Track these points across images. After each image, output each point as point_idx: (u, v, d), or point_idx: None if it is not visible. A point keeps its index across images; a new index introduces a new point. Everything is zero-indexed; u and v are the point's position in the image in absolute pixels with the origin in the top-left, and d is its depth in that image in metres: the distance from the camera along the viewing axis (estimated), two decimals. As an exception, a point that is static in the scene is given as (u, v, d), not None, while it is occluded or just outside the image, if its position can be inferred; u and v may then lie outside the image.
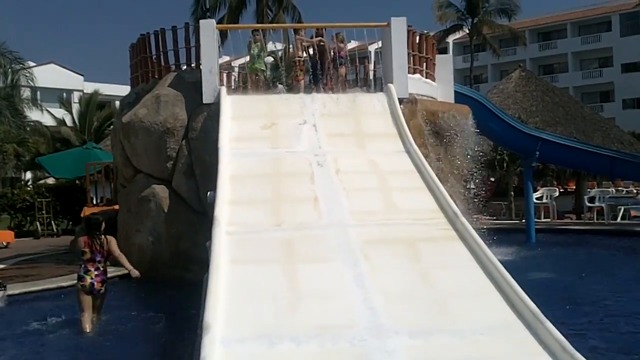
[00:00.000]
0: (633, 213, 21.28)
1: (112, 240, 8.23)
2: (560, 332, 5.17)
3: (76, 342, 7.70)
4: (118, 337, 7.87)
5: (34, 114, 30.80)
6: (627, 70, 57.08)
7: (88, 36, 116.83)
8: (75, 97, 46.70)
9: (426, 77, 13.03)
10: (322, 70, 12.04)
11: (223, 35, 16.62)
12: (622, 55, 56.95)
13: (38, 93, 37.97)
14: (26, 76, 25.46)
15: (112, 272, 11.52)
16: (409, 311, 5.72)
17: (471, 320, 5.57)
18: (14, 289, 10.12)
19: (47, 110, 35.70)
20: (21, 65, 25.38)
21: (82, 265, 8.09)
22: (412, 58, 12.36)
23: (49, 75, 47.38)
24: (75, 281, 8.27)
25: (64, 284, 10.59)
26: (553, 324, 5.27)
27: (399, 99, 10.78)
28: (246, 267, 6.54)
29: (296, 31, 13.92)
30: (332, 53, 12.58)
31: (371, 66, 13.95)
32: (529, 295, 5.73)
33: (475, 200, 12.71)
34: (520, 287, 5.88)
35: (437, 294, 6.05)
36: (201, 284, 6.38)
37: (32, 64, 37.87)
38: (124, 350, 7.37)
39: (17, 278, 11.24)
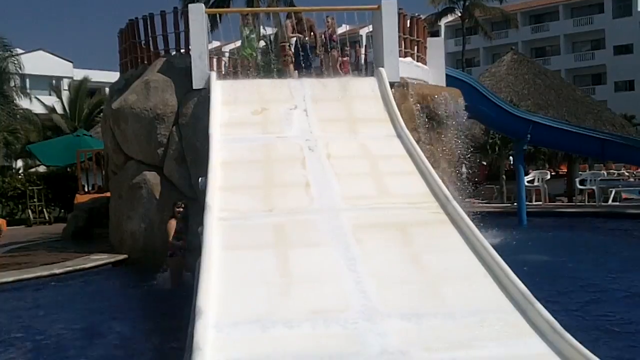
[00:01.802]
0: (624, 195, 21.42)
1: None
2: (550, 313, 5.21)
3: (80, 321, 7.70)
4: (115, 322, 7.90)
5: (23, 102, 30.56)
6: (619, 53, 57.11)
7: (77, 22, 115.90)
8: (65, 84, 46.31)
9: (417, 61, 12.99)
10: (310, 54, 11.97)
11: (213, 20, 16.48)
12: (614, 38, 56.95)
13: (27, 80, 37.68)
14: (14, 63, 25.20)
15: (104, 259, 11.61)
16: (401, 294, 5.75)
17: (462, 302, 5.61)
18: (7, 277, 10.11)
19: (37, 98, 35.48)
20: (9, 52, 25.11)
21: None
22: (403, 41, 12.31)
23: (38, 62, 46.96)
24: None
25: (57, 272, 10.59)
26: (543, 305, 5.31)
27: (390, 82, 10.75)
28: (238, 252, 6.55)
29: (287, 15, 13.81)
30: (323, 37, 12.52)
31: (362, 50, 13.88)
32: (519, 278, 5.76)
33: (467, 184, 12.73)
34: (511, 269, 5.91)
35: (429, 277, 6.08)
36: (194, 270, 6.39)
37: (20, 51, 37.54)
38: (123, 332, 7.36)
39: (9, 266, 11.22)
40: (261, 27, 24.45)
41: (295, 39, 12.01)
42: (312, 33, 12.22)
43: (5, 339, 7.35)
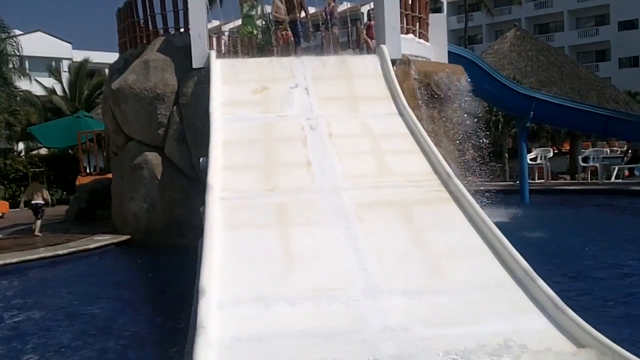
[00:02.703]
0: (627, 173, 21.35)
1: None
2: (552, 289, 5.21)
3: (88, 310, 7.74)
4: (119, 303, 7.93)
5: (23, 84, 30.44)
6: (623, 28, 56.54)
7: (75, 3, 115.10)
8: (64, 65, 46.11)
9: (419, 38, 12.89)
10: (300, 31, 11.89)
11: (213, -1, 16.44)
12: (618, 13, 56.35)
13: (26, 62, 37.51)
14: (12, 45, 25.04)
15: (107, 239, 11.65)
16: (403, 272, 5.75)
17: (464, 279, 5.62)
18: (11, 258, 10.15)
19: (37, 80, 35.31)
20: (7, 33, 24.94)
21: None
22: (405, 18, 12.20)
23: (37, 43, 46.71)
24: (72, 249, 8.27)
25: (60, 252, 10.63)
26: (545, 282, 5.31)
27: (391, 60, 10.66)
28: (240, 231, 6.55)
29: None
30: (324, 14, 12.42)
31: (363, 27, 13.76)
32: (521, 255, 5.76)
33: (469, 161, 12.68)
34: (513, 246, 5.91)
35: (430, 255, 6.07)
36: (196, 249, 6.39)
37: (18, 32, 37.30)
38: (126, 314, 7.39)
39: (13, 247, 11.26)
40: (260, 6, 24.22)
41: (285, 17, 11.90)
42: (302, 10, 12.09)
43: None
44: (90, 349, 6.07)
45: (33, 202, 13.06)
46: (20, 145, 37.63)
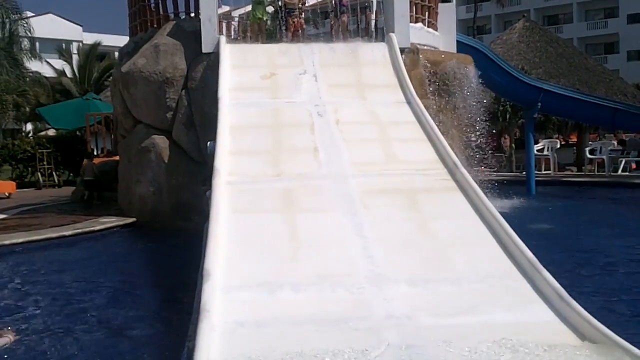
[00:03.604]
0: (633, 166, 21.27)
1: None
2: (557, 280, 5.22)
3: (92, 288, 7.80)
4: (128, 286, 7.99)
5: (33, 65, 30.50)
6: (633, 21, 56.11)
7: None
8: (74, 48, 46.13)
9: (428, 27, 12.83)
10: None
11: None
12: (628, 6, 55.88)
13: (37, 44, 37.55)
14: (24, 26, 25.08)
15: (113, 222, 11.70)
16: (408, 260, 5.77)
17: (469, 269, 5.63)
18: (17, 238, 10.22)
19: (47, 62, 35.38)
20: (19, 15, 24.96)
21: None
22: (414, 7, 12.15)
23: (47, 25, 46.78)
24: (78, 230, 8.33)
25: (66, 233, 10.69)
26: (550, 273, 5.31)
27: (400, 48, 10.64)
28: (246, 216, 6.58)
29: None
30: (333, 2, 12.38)
31: (373, 16, 13.71)
32: (527, 245, 5.76)
33: (476, 151, 12.66)
34: (519, 237, 5.91)
35: (436, 244, 6.09)
36: (202, 233, 6.42)
37: (29, 14, 37.31)
38: (134, 298, 7.45)
39: (19, 227, 11.33)
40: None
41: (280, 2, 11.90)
42: None
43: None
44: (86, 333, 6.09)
45: (85, 178, 15.33)
46: (29, 126, 37.75)
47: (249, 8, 12.40)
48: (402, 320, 4.87)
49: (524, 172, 17.68)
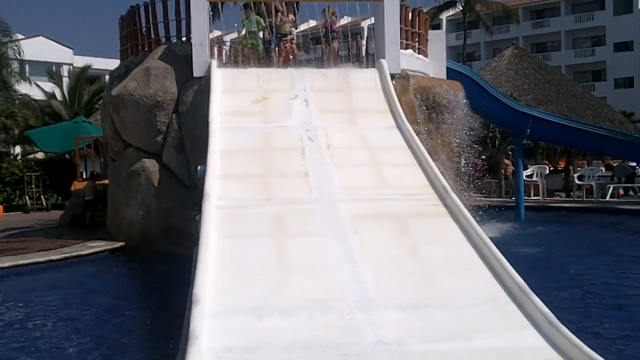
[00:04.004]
0: (621, 192, 21.44)
1: None
2: (547, 306, 5.21)
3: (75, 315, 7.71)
4: (116, 311, 7.91)
5: (22, 87, 30.47)
6: (619, 50, 57.12)
7: (77, 9, 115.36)
8: (65, 70, 46.20)
9: (419, 53, 12.97)
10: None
11: (215, 9, 16.47)
12: (614, 34, 56.97)
13: (26, 66, 37.58)
14: (13, 49, 25.10)
15: (101, 246, 11.61)
16: (398, 285, 5.75)
17: (459, 294, 5.62)
18: (3, 262, 10.11)
19: (37, 84, 35.36)
20: (9, 37, 24.99)
21: None
22: (404, 33, 12.28)
23: (38, 48, 46.86)
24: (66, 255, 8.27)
25: (53, 258, 10.59)
26: (540, 299, 5.31)
27: (391, 74, 10.72)
28: (236, 241, 6.54)
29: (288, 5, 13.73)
30: (324, 28, 12.50)
31: (363, 42, 13.85)
32: (517, 271, 5.76)
33: (466, 177, 12.73)
34: (509, 262, 5.92)
35: (426, 269, 6.08)
36: (191, 258, 6.39)
37: (20, 36, 37.34)
38: (121, 324, 7.37)
39: (6, 251, 11.20)
40: (263, 19, 24.32)
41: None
42: (280, 18, 12.18)
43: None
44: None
45: (87, 198, 15.39)
46: (17, 149, 37.57)
47: (242, 32, 12.48)
48: (392, 346, 4.83)
49: (514, 198, 17.76)
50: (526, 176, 20.28)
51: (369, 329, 5.06)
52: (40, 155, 28.53)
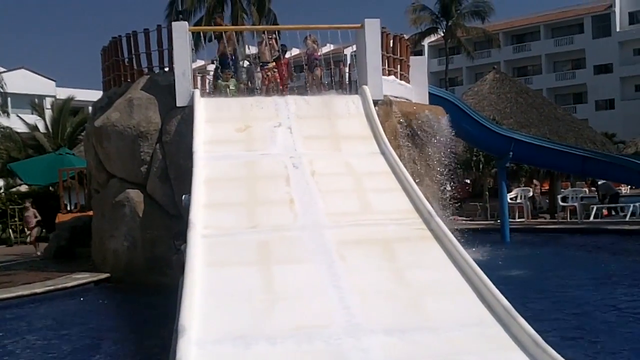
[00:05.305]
0: (605, 212, 21.62)
1: None
2: (533, 327, 5.23)
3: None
4: (102, 343, 7.81)
5: (4, 120, 30.34)
6: (599, 72, 58.06)
7: (60, 41, 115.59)
8: (48, 102, 46.03)
9: (401, 79, 13.11)
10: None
11: (197, 39, 16.54)
12: (594, 57, 57.95)
13: (9, 99, 37.49)
14: (-5, 82, 25.06)
15: (86, 277, 11.50)
16: (384, 310, 5.75)
17: (445, 317, 5.63)
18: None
19: (19, 117, 35.21)
20: (-9, 70, 24.95)
21: None
22: (386, 60, 12.42)
23: (20, 80, 46.75)
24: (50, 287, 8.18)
25: (37, 291, 10.47)
26: (526, 320, 5.33)
27: (373, 100, 10.82)
28: (222, 269, 6.53)
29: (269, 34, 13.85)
30: (306, 56, 12.62)
31: (346, 69, 13.99)
32: (502, 293, 5.79)
33: (451, 200, 12.79)
34: (494, 285, 5.94)
35: (412, 293, 6.09)
36: (177, 288, 6.35)
37: (2, 69, 37.32)
38: (107, 356, 7.27)
39: (-11, 286, 11.06)
40: (245, 46, 24.54)
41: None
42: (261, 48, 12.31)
43: None
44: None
45: None
46: (0, 182, 37.21)
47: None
48: (380, 371, 4.82)
49: (499, 220, 17.84)
50: (510, 199, 20.42)
51: (357, 355, 5.05)
52: (23, 188, 28.27)
